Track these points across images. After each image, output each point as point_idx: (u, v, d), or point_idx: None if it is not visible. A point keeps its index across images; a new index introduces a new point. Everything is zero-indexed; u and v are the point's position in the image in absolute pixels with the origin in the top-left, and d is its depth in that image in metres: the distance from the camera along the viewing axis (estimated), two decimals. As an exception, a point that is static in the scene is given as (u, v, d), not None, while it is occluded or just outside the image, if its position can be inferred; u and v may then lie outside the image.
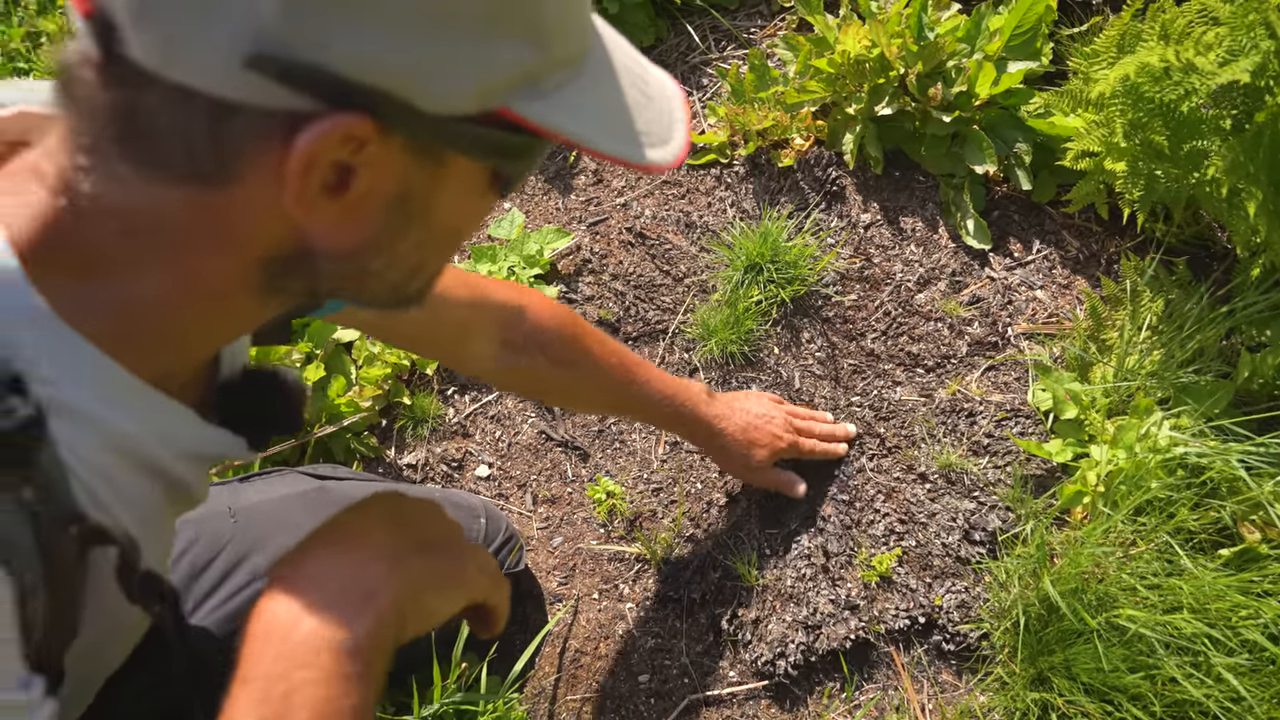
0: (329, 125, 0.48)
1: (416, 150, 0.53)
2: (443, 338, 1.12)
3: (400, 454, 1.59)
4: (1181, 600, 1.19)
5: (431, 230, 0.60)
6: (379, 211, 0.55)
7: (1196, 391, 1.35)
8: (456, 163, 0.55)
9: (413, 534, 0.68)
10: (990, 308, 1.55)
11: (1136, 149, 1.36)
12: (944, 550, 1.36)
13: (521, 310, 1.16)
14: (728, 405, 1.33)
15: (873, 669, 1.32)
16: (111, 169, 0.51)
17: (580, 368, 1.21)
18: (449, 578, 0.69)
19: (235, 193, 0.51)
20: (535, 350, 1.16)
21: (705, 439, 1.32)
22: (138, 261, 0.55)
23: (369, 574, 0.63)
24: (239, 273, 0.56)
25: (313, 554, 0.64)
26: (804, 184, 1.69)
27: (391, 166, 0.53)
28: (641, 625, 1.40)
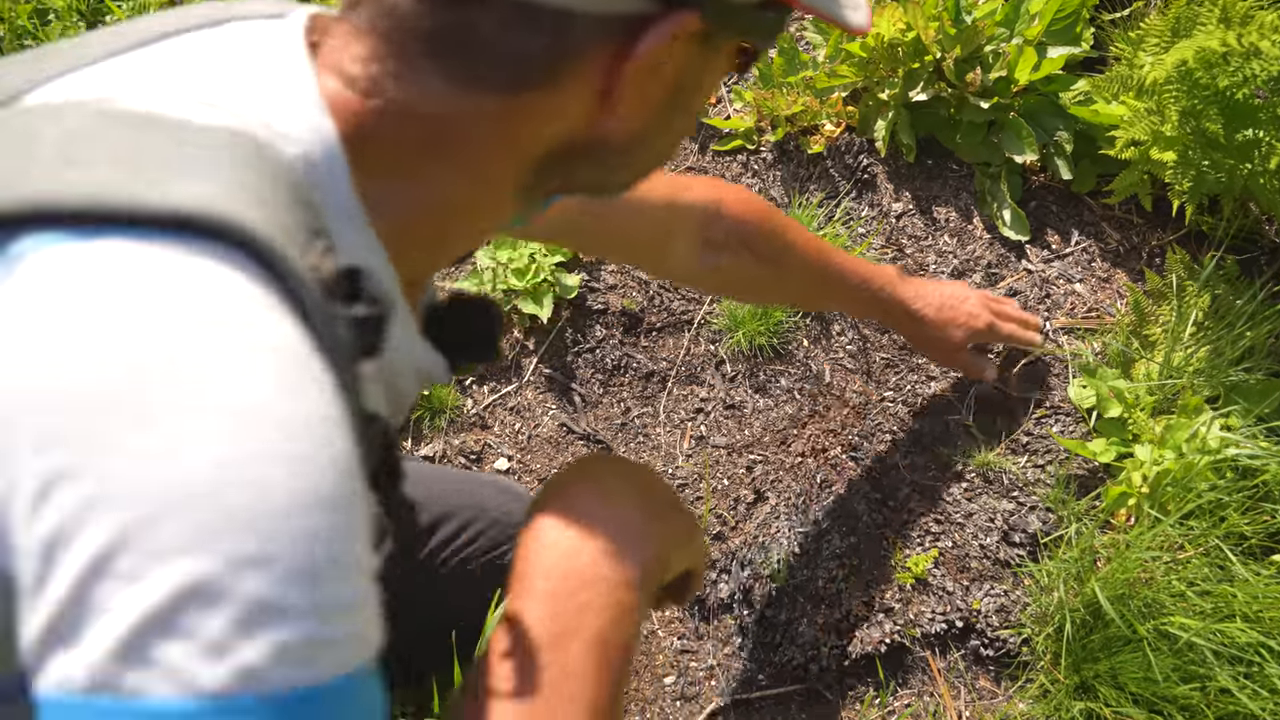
0: (673, 25, 0.49)
1: (703, 40, 0.53)
2: (643, 239, 1.09)
3: (417, 445, 1.54)
4: (1234, 608, 1.14)
5: (688, 116, 0.60)
6: (659, 104, 0.55)
7: (1247, 390, 1.30)
8: (726, 48, 0.57)
9: (651, 493, 0.68)
10: (1027, 301, 1.50)
11: (1188, 138, 1.30)
12: (982, 552, 1.31)
13: (719, 205, 1.11)
14: (922, 285, 1.31)
15: (908, 674, 1.28)
16: (422, 79, 0.50)
17: (784, 262, 1.16)
18: (687, 538, 0.69)
19: (549, 98, 0.52)
20: (739, 246, 1.12)
21: (903, 320, 1.29)
22: (434, 166, 0.54)
23: (631, 521, 0.63)
24: (518, 173, 0.56)
25: (574, 497, 0.64)
26: (834, 171, 1.64)
27: (683, 59, 0.53)
28: (667, 626, 1.35)
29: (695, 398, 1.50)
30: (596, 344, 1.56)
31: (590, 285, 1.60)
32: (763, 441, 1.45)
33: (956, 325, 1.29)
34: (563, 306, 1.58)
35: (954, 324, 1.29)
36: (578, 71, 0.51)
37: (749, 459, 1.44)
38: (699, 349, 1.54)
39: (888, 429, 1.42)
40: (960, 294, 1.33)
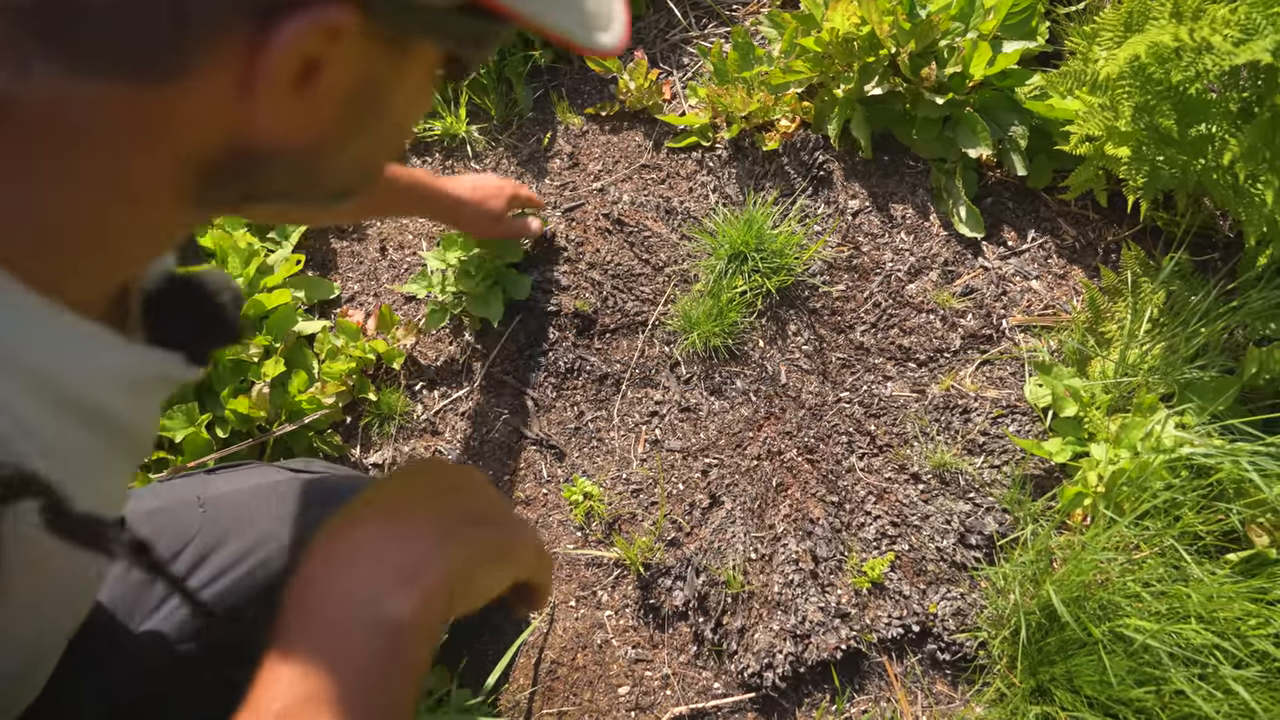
0: (317, 15, 0.43)
1: (385, 41, 0.49)
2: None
3: (366, 453, 1.50)
4: (1189, 608, 1.13)
5: (387, 122, 0.56)
6: (338, 106, 0.50)
7: (1201, 388, 1.30)
8: (421, 52, 0.52)
9: (461, 504, 0.63)
10: (984, 299, 1.49)
11: (1142, 133, 1.29)
12: (939, 555, 1.30)
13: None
14: (455, 179, 1.45)
15: (864, 680, 1.26)
16: (28, 66, 0.44)
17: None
18: (500, 552, 0.64)
19: (183, 88, 0.45)
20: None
21: (448, 207, 1.41)
22: (52, 167, 0.47)
23: (417, 547, 0.58)
24: (169, 176, 0.50)
25: (358, 523, 0.59)
26: (789, 168, 1.62)
27: (360, 59, 0.48)
28: (621, 634, 1.32)
29: (650, 400, 1.48)
30: (549, 346, 1.53)
31: (543, 287, 1.57)
32: (718, 444, 1.43)
33: (492, 196, 1.45)
34: (515, 309, 1.55)
35: (490, 198, 1.45)
36: (211, 63, 0.44)
37: (704, 462, 1.41)
38: (653, 350, 1.52)
39: (844, 430, 1.41)
40: (484, 176, 1.48)
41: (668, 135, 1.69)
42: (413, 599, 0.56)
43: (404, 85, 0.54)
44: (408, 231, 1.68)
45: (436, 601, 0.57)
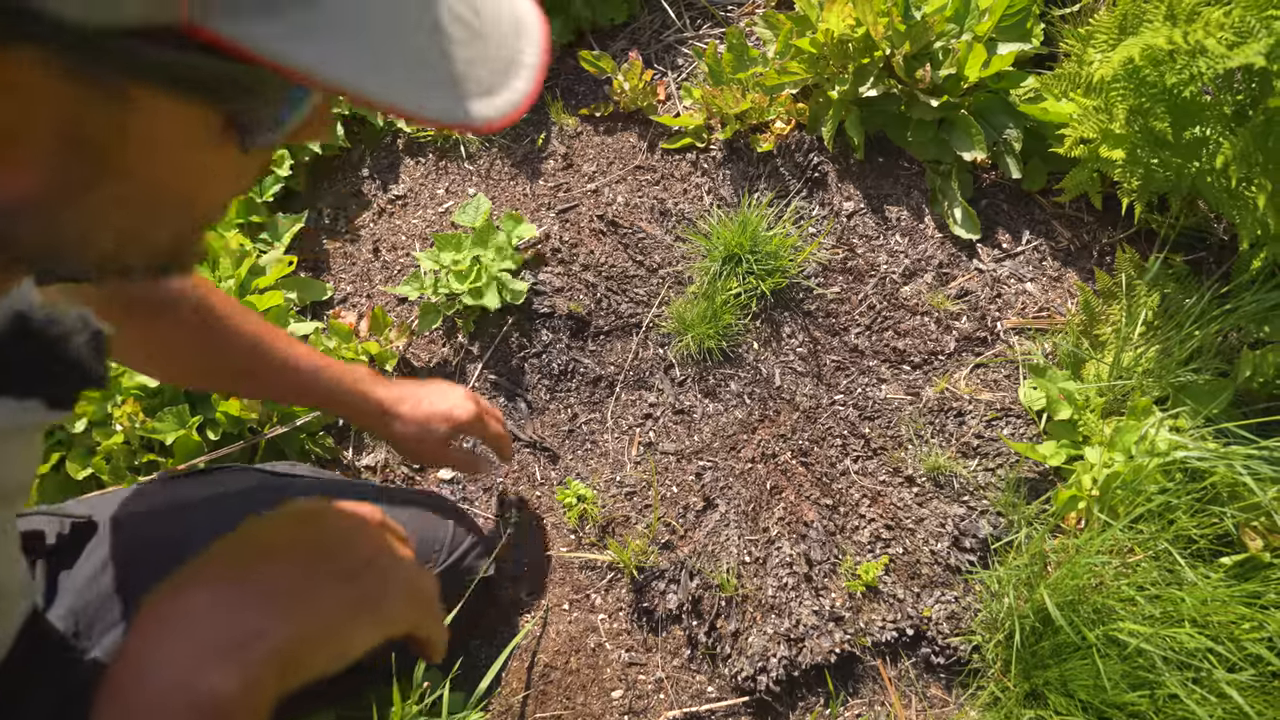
0: None
1: (71, 74, 0.38)
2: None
3: (358, 455, 1.50)
4: (1182, 612, 1.13)
5: (139, 185, 0.45)
6: (43, 156, 0.41)
7: (1195, 391, 1.30)
8: (146, 99, 0.40)
9: (321, 560, 0.59)
10: (979, 301, 1.48)
11: (1136, 135, 1.29)
12: (933, 558, 1.29)
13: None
14: (401, 386, 1.20)
15: (858, 683, 1.26)
16: None
17: (208, 322, 1.02)
18: (362, 611, 0.60)
19: None
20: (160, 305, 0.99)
21: (375, 416, 1.16)
22: None
23: (248, 616, 0.54)
24: None
25: (191, 584, 0.55)
26: (784, 170, 1.61)
27: (39, 94, 0.38)
28: (614, 638, 1.32)
29: (644, 403, 1.47)
30: (543, 348, 1.52)
31: (536, 288, 1.56)
32: (712, 447, 1.42)
33: (440, 419, 1.17)
34: (509, 310, 1.54)
35: (436, 418, 1.17)
36: None
37: (698, 465, 1.41)
38: (647, 353, 1.51)
39: (838, 433, 1.40)
40: (444, 389, 1.21)
41: (662, 136, 1.69)
42: (236, 673, 0.52)
43: (142, 139, 0.42)
44: (400, 233, 1.67)
45: (263, 675, 0.53)
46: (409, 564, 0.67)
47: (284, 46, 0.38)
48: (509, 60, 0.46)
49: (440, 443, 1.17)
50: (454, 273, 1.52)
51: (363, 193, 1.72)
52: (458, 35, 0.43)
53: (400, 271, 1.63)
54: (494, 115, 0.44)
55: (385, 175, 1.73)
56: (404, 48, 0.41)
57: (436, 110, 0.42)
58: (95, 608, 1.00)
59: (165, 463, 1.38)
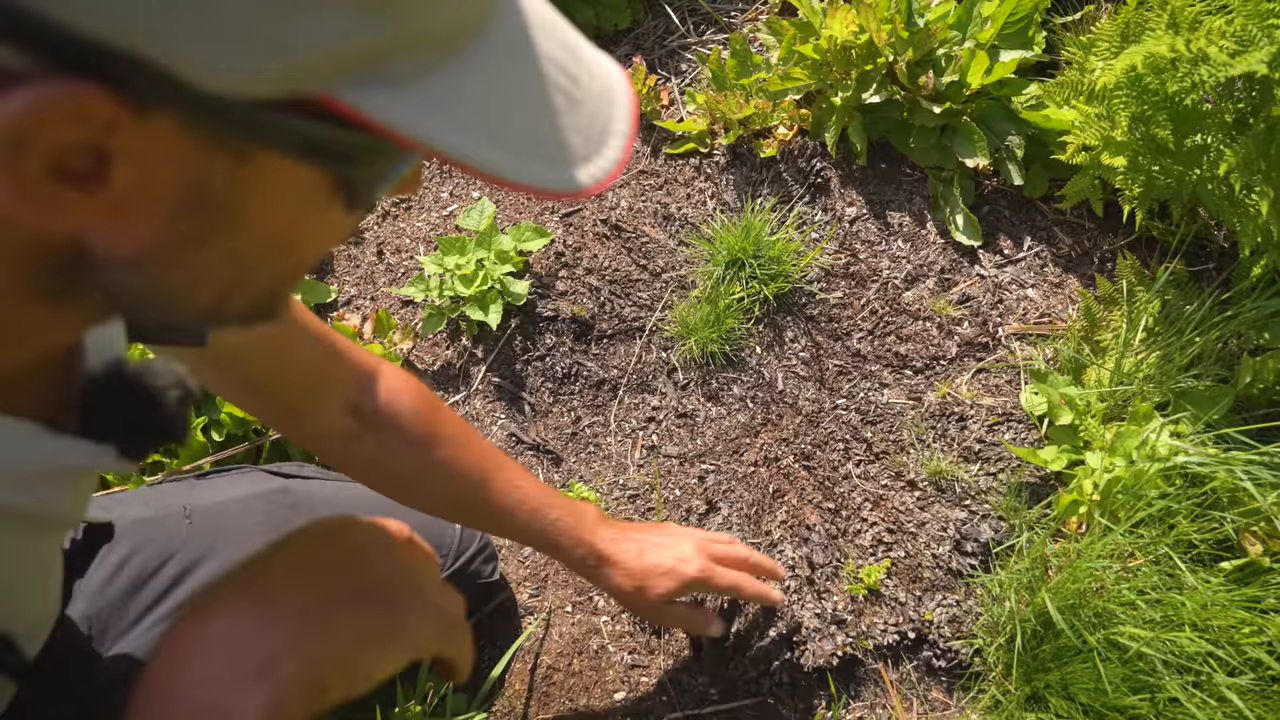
0: (38, 94, 0.35)
1: (203, 138, 0.40)
2: (292, 388, 0.95)
3: (362, 456, 1.50)
4: (1183, 616, 1.14)
5: (249, 241, 0.47)
6: (163, 212, 0.42)
7: (1196, 397, 1.30)
8: (267, 161, 0.42)
9: (345, 582, 0.59)
10: (980, 307, 1.49)
11: (1138, 143, 1.30)
12: (934, 562, 1.30)
13: (377, 376, 1.00)
14: (621, 528, 1.13)
15: (860, 686, 1.26)
16: None
17: (435, 454, 1.02)
18: (385, 634, 0.60)
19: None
20: (387, 425, 0.99)
21: (589, 563, 1.09)
22: None
23: (275, 638, 0.54)
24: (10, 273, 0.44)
25: (217, 606, 0.55)
26: (787, 175, 1.62)
27: (168, 156, 0.40)
28: (617, 640, 1.32)
29: (647, 406, 1.48)
30: (546, 351, 1.53)
31: (540, 292, 1.57)
32: (715, 451, 1.43)
33: (660, 573, 1.08)
34: (512, 314, 1.55)
35: (657, 572, 1.08)
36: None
37: (701, 469, 1.42)
38: (650, 356, 1.52)
39: (840, 437, 1.41)
40: (671, 534, 1.14)
41: (666, 141, 1.70)
42: (265, 696, 0.52)
43: (259, 198, 0.44)
44: (405, 235, 1.68)
45: (290, 699, 0.53)
46: (436, 584, 0.67)
47: (409, 118, 0.41)
48: (602, 128, 0.48)
49: (662, 601, 1.10)
50: (458, 276, 1.52)
51: (367, 196, 1.72)
52: (559, 105, 0.46)
53: (404, 274, 1.64)
54: (588, 183, 0.46)
55: (389, 178, 1.74)
56: (513, 119, 0.44)
57: (538, 178, 0.44)
58: (108, 614, 1.00)
59: (170, 463, 1.38)
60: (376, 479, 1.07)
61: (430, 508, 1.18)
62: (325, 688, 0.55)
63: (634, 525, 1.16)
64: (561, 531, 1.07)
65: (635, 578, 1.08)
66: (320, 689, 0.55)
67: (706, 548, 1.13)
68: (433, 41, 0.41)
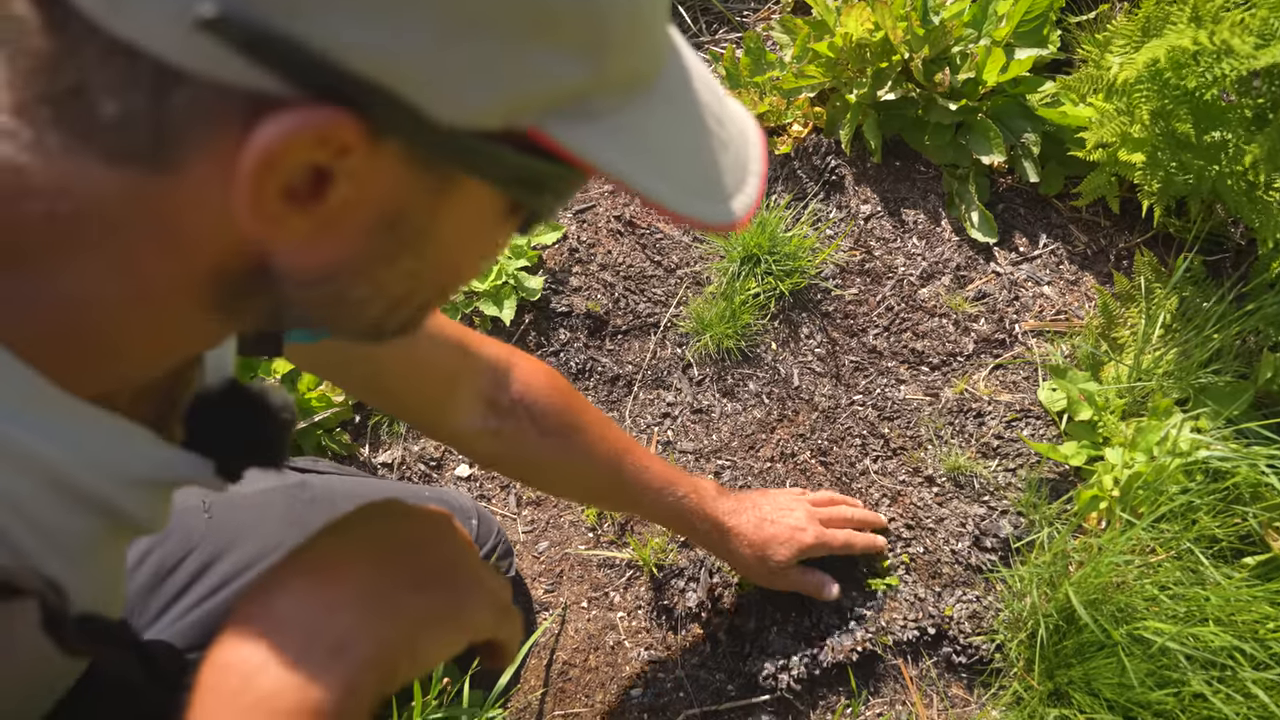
0: (300, 119, 0.37)
1: (417, 163, 0.42)
2: (426, 388, 0.97)
3: (375, 452, 1.49)
4: (1207, 611, 1.13)
5: (427, 260, 0.49)
6: (361, 231, 0.44)
7: (1216, 393, 1.30)
8: (467, 186, 0.45)
9: (406, 564, 0.58)
10: (996, 304, 1.49)
11: (1158, 138, 1.30)
12: (954, 557, 1.29)
13: (510, 368, 1.02)
14: (739, 500, 1.19)
15: (879, 682, 1.25)
16: (41, 135, 0.40)
17: (572, 442, 1.05)
18: (447, 617, 0.59)
19: (179, 183, 0.41)
20: (523, 416, 1.02)
21: (713, 537, 1.16)
22: (67, 253, 0.43)
23: (343, 621, 0.52)
24: (186, 281, 0.45)
25: (283, 588, 0.53)
26: (801, 172, 1.62)
27: (382, 179, 0.42)
28: (633, 636, 1.31)
29: (662, 402, 1.47)
30: (560, 347, 1.52)
31: (554, 287, 1.56)
32: (730, 446, 1.42)
33: (779, 543, 1.16)
34: (525, 309, 1.54)
35: (776, 541, 1.16)
36: (202, 152, 0.39)
37: (717, 464, 1.41)
38: (665, 352, 1.51)
39: (857, 433, 1.40)
40: (783, 505, 1.20)
41: (679, 139, 1.69)
42: (341, 677, 0.51)
43: (449, 221, 0.47)
44: (417, 232, 1.67)
45: (365, 681, 0.52)
46: (488, 568, 0.67)
47: (601, 153, 0.44)
48: (743, 167, 0.52)
49: (781, 569, 1.18)
50: (472, 271, 1.52)
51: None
52: (715, 147, 0.50)
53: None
54: (740, 216, 0.50)
55: (401, 175, 1.73)
56: (680, 155, 0.48)
57: (697, 211, 0.48)
58: (130, 608, 0.99)
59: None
60: (516, 469, 1.15)
61: (566, 493, 1.30)
62: (394, 669, 0.54)
63: (746, 495, 1.22)
64: (688, 508, 1.13)
65: (756, 547, 1.16)
66: (389, 670, 0.54)
67: (815, 513, 1.22)
68: (629, 82, 0.45)
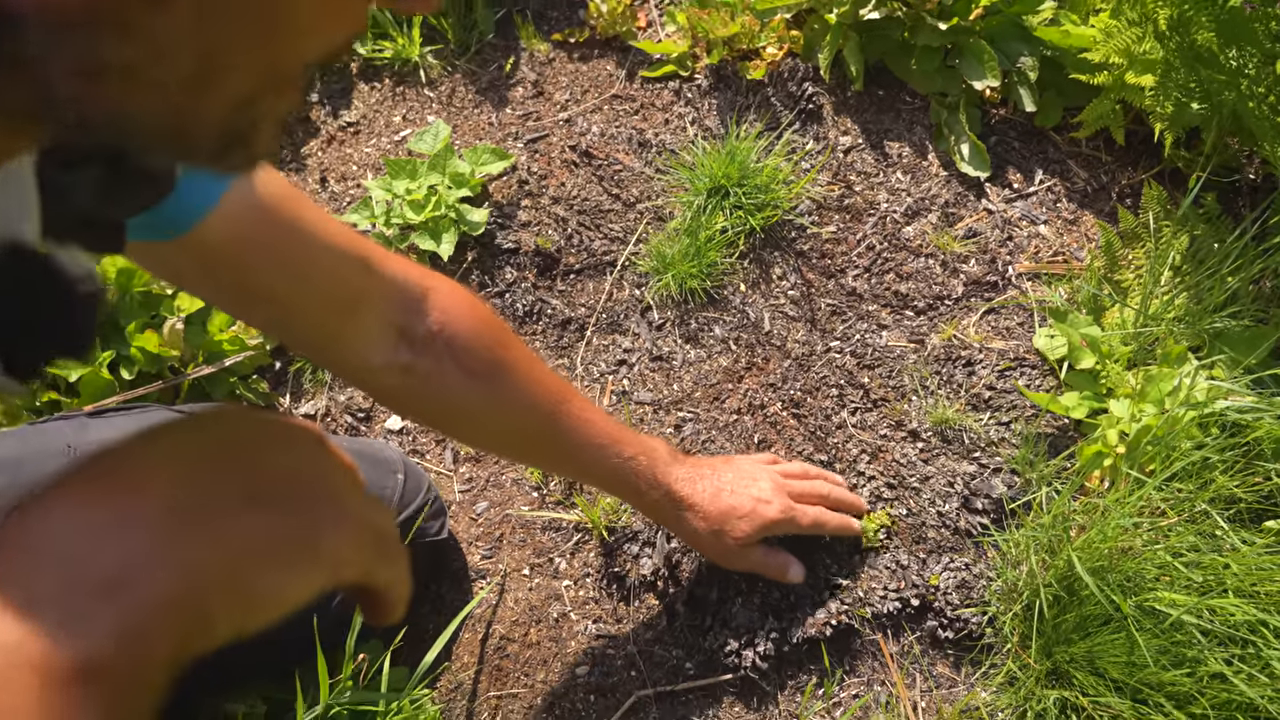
0: None
1: None
2: (319, 308, 0.80)
3: (297, 402, 1.33)
4: (1226, 581, 1.00)
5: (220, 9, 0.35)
6: None
7: (1232, 338, 1.16)
8: None
9: (234, 473, 0.42)
10: (988, 243, 1.35)
11: (1173, 53, 1.16)
12: (940, 520, 1.15)
13: (427, 294, 0.86)
14: (696, 466, 1.04)
15: (856, 660, 1.11)
16: None
17: (499, 386, 0.90)
18: (290, 546, 0.43)
19: None
20: (442, 351, 0.86)
21: (663, 506, 1.01)
22: None
23: (127, 544, 0.37)
24: None
25: (58, 503, 0.38)
26: (776, 100, 1.47)
27: None
28: (580, 607, 1.17)
29: (618, 348, 1.32)
30: (506, 287, 1.36)
31: (500, 222, 1.40)
32: (693, 397, 1.27)
33: (739, 516, 1.01)
34: (468, 245, 1.38)
35: (735, 514, 1.01)
36: None
37: (677, 416, 1.26)
38: (622, 294, 1.36)
39: (834, 383, 1.26)
40: (748, 473, 1.05)
41: (642, 64, 1.54)
42: (112, 622, 0.36)
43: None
44: (351, 163, 1.51)
45: (158, 625, 0.37)
46: (362, 494, 0.51)
47: None
48: None
49: (740, 546, 1.03)
50: (408, 202, 1.36)
51: (311, 119, 1.55)
52: None
53: (350, 203, 1.47)
54: None
55: (336, 101, 1.57)
56: None
57: None
58: None
59: (69, 403, 1.21)
60: (431, 414, 0.97)
61: (491, 445, 1.12)
62: (206, 611, 0.39)
63: (705, 462, 1.07)
64: (635, 472, 0.98)
65: (713, 521, 1.01)
66: (199, 613, 0.38)
67: (784, 485, 1.07)
68: None
